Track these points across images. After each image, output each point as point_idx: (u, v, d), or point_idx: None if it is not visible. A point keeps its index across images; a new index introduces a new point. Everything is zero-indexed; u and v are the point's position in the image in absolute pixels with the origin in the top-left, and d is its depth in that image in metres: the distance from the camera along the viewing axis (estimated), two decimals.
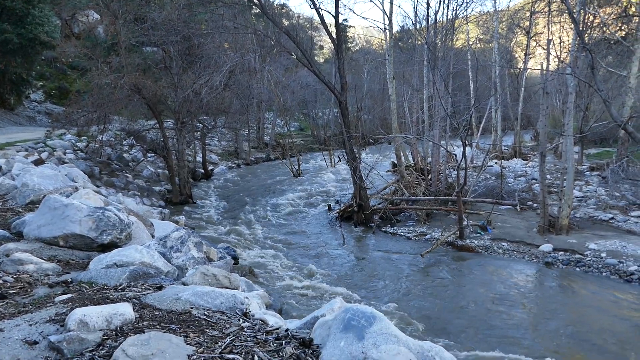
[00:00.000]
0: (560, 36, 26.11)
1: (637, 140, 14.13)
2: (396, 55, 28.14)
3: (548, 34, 25.23)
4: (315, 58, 56.42)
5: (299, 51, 17.13)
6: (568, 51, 17.58)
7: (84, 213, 5.96)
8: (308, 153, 38.76)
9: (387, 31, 23.45)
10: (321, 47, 68.20)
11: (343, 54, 17.91)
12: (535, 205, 17.67)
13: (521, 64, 32.08)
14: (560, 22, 25.96)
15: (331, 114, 43.21)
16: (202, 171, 27.15)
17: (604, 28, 18.69)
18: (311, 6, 18.14)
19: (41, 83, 33.41)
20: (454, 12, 22.99)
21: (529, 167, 25.82)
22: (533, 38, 29.20)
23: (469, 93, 30.27)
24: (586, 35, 15.64)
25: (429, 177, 20.76)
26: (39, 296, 4.09)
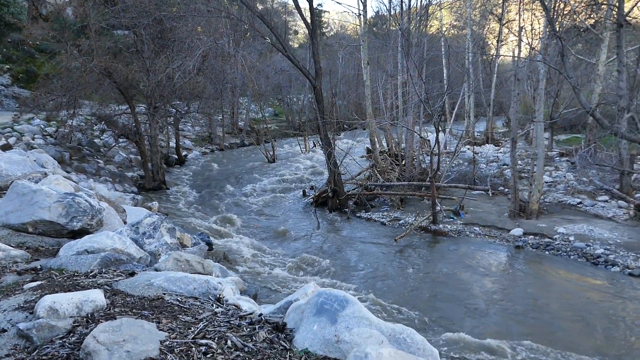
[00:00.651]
0: (531, 23, 26.39)
1: (605, 126, 14.45)
2: (370, 41, 28.11)
3: (520, 22, 25.52)
4: (289, 43, 55.99)
5: (273, 36, 16.96)
6: (539, 38, 17.80)
7: (54, 199, 5.86)
8: (283, 138, 38.62)
9: (362, 17, 23.36)
10: (296, 32, 67.68)
11: (317, 39, 17.81)
12: (506, 190, 17.98)
13: (493, 51, 32.38)
14: (531, 10, 26.19)
15: (306, 100, 43.06)
16: (176, 157, 26.85)
17: (574, 16, 18.97)
18: None
19: (8, 66, 32.39)
20: None
21: (501, 153, 26.22)
22: (505, 25, 29.48)
23: (442, 79, 30.48)
24: (557, 22, 15.84)
25: (403, 163, 20.91)
26: (7, 284, 4.01)
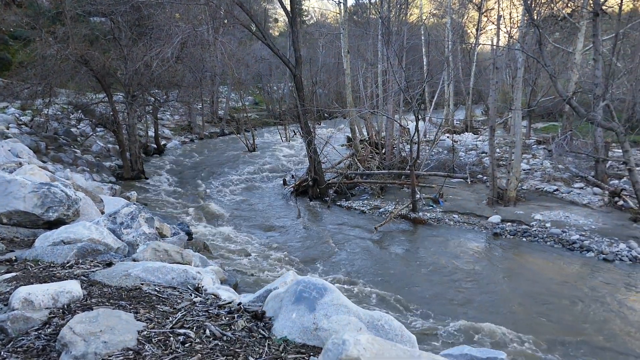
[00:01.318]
0: (510, 12, 26.58)
1: (581, 114, 14.66)
2: (351, 29, 28.00)
3: (498, 10, 25.63)
4: (270, 31, 55.56)
5: (253, 24, 16.81)
6: (517, 27, 17.92)
7: (29, 189, 5.76)
8: (263, 127, 38.43)
9: (342, 5, 23.26)
10: (276, 20, 67.09)
11: (297, 27, 17.70)
12: (485, 178, 18.18)
13: (473, 40, 32.54)
14: None
15: (286, 88, 42.84)
16: (155, 146, 26.54)
17: (552, 4, 19.13)
18: None
19: None
20: None
21: (480, 141, 26.45)
22: (484, 14, 29.58)
23: (422, 68, 30.56)
24: (534, 11, 15.96)
25: (383, 151, 21.00)
26: None
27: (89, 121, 22.01)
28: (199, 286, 3.96)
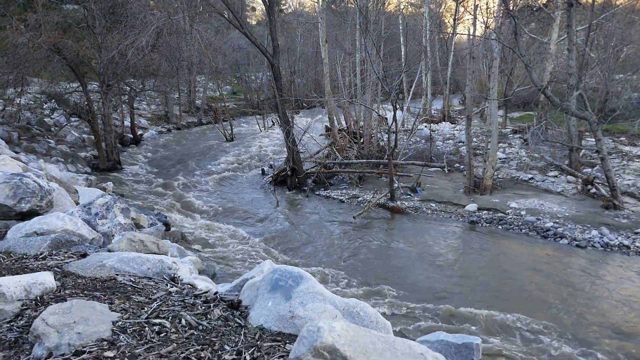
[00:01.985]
0: (487, 2, 26.78)
1: (555, 104, 14.90)
2: (329, 18, 27.93)
3: (475, 0, 25.81)
4: (247, 20, 55.05)
5: (230, 12, 16.62)
6: (494, 17, 18.08)
7: (0, 180, 5.65)
8: (241, 117, 38.20)
9: None
10: (253, 9, 66.41)
11: (275, 16, 17.56)
12: (462, 167, 18.37)
13: (450, 29, 32.71)
14: None
15: (264, 78, 42.58)
16: (131, 136, 26.19)
17: None
18: None
19: None
20: None
21: (457, 130, 26.69)
22: (461, 4, 29.74)
23: (400, 57, 30.63)
24: (510, 1, 16.11)
25: (361, 141, 21.05)
26: None
27: (63, 111, 21.62)
28: (175, 276, 3.95)
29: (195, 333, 2.82)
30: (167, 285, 3.68)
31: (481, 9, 23.61)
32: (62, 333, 2.54)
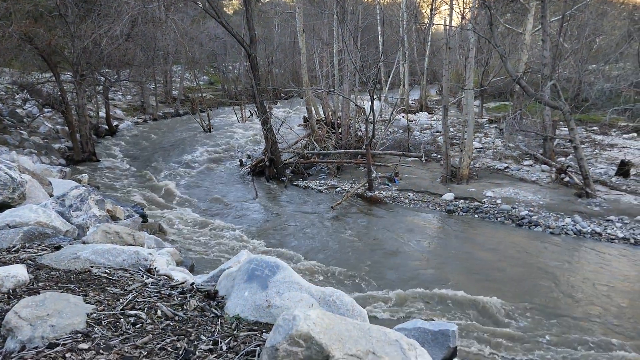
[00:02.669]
0: None
1: (530, 94, 15.11)
2: (306, 8, 27.78)
3: None
4: (224, 9, 54.44)
5: (206, 1, 16.43)
6: (470, 8, 18.19)
7: None
8: (219, 107, 37.87)
9: None
10: None
11: (252, 5, 17.44)
12: (439, 156, 18.54)
13: (427, 20, 32.82)
14: None
15: (242, 68, 42.21)
16: (106, 127, 25.78)
17: None
18: None
19: None
20: None
21: (434, 120, 26.90)
22: None
23: (378, 47, 30.68)
24: None
25: (339, 131, 21.07)
26: None
27: (36, 102, 21.16)
28: (151, 267, 3.93)
29: (171, 324, 2.82)
30: (143, 276, 3.66)
31: (457, 0, 23.75)
32: (36, 326, 2.52)
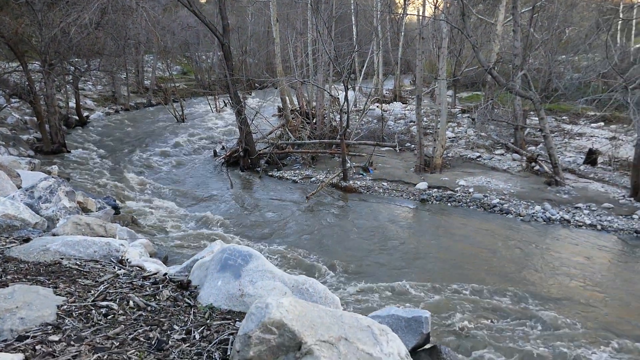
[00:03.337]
0: None
1: (501, 84, 15.32)
2: None
3: None
4: None
5: None
6: None
7: None
8: (192, 98, 37.39)
9: None
10: None
11: None
12: (412, 146, 18.69)
13: (400, 10, 32.89)
14: None
15: (215, 57, 41.72)
16: (77, 118, 25.26)
17: None
18: None
19: None
20: None
21: (408, 110, 27.06)
22: None
23: (352, 37, 30.63)
24: None
25: (314, 121, 21.07)
26: None
27: (2, 92, 20.59)
28: (123, 258, 3.90)
29: (143, 314, 2.81)
30: (115, 267, 3.63)
31: None
32: (4, 319, 2.49)
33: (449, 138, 19.55)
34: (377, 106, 26.18)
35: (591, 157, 16.13)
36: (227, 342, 2.56)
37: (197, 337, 2.60)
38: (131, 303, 2.91)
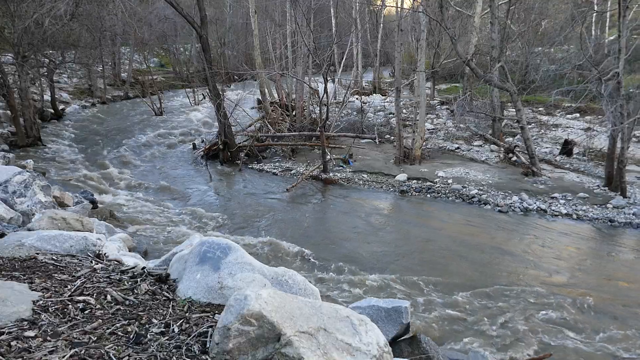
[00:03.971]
0: None
1: (479, 75, 15.45)
2: None
3: None
4: None
5: None
6: None
7: None
8: (170, 90, 36.98)
9: None
10: None
11: None
12: (392, 138, 18.78)
13: (379, 2, 32.90)
14: None
15: (193, 50, 41.29)
16: (52, 111, 24.80)
17: None
18: None
19: None
20: None
21: (387, 102, 27.13)
22: None
23: (331, 29, 30.57)
24: None
25: (294, 113, 21.02)
26: None
27: None
28: (100, 253, 3.86)
29: (121, 308, 2.79)
30: (92, 262, 3.59)
31: None
32: None
33: (428, 130, 19.68)
34: (357, 98, 26.21)
35: (567, 148, 16.41)
36: (207, 335, 2.56)
37: (176, 331, 2.59)
38: (109, 297, 2.89)
